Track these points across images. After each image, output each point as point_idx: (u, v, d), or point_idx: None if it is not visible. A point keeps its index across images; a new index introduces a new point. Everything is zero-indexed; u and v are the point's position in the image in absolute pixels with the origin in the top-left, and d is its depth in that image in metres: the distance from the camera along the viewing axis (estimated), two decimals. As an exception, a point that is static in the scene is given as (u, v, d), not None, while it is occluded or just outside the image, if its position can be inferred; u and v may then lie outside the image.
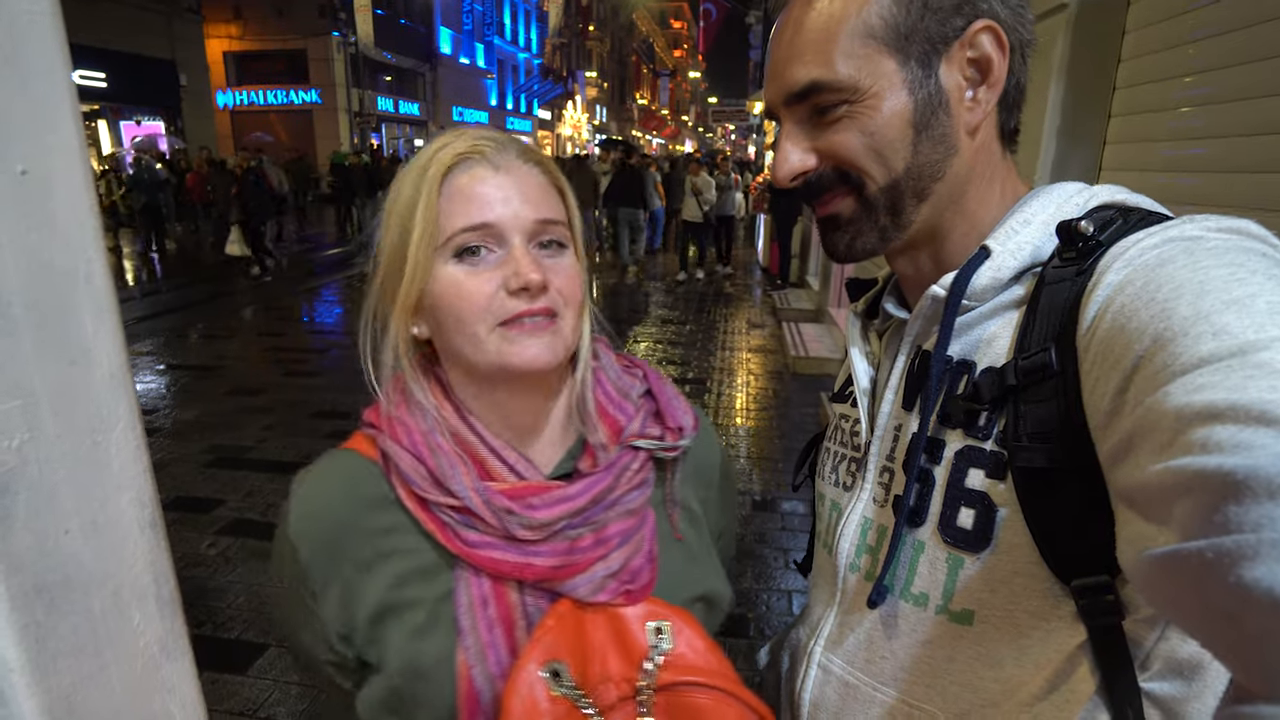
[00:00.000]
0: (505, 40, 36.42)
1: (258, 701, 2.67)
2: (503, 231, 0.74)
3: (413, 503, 0.75)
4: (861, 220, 0.74)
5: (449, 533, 0.74)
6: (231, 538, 3.79)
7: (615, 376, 0.87)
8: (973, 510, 0.67)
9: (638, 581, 0.78)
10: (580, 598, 0.75)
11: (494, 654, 0.73)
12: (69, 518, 0.41)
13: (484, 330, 0.73)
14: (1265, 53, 1.75)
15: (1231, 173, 1.86)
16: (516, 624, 0.74)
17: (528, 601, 0.75)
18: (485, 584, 0.74)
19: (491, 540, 0.74)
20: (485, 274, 0.73)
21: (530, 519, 0.73)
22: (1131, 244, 0.60)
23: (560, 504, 0.75)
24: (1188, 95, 2.09)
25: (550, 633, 0.73)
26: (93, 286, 0.41)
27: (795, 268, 10.69)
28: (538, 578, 0.74)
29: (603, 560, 0.76)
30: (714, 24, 36.92)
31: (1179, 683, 0.61)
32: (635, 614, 0.77)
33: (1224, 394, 0.42)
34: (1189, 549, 0.38)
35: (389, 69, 25.53)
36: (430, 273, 0.74)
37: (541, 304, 0.74)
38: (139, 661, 0.46)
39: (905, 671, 0.74)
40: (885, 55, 0.69)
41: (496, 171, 0.75)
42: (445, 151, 0.76)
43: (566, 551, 0.75)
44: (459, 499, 0.73)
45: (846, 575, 0.81)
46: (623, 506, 0.79)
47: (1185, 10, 2.08)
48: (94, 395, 0.42)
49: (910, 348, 0.78)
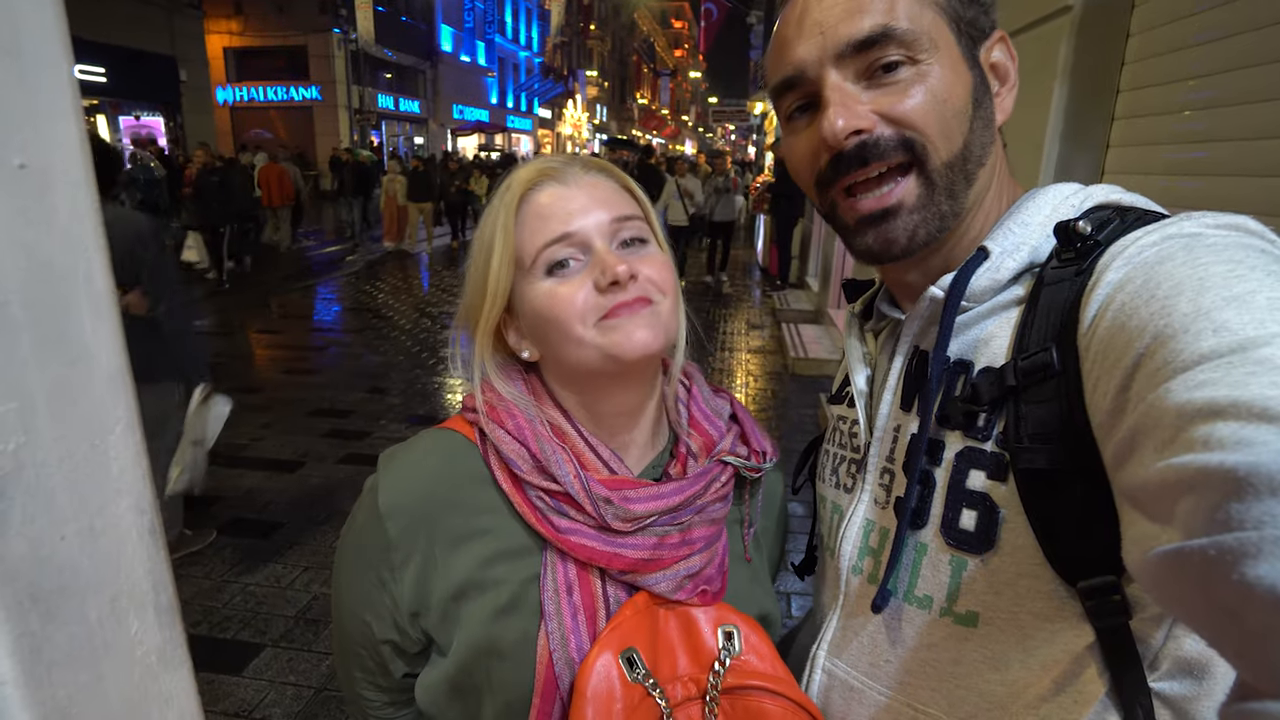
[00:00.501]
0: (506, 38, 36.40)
1: (253, 703, 2.66)
2: (584, 239, 0.77)
3: (510, 484, 0.77)
4: (926, 205, 0.70)
5: (541, 517, 0.76)
6: (229, 537, 3.77)
7: (708, 395, 0.91)
8: (974, 512, 0.67)
9: (713, 587, 0.81)
10: (661, 593, 0.78)
11: (575, 640, 0.75)
12: (66, 523, 0.40)
13: (584, 329, 0.75)
14: (1270, 56, 1.74)
15: (1235, 176, 1.85)
16: (598, 612, 0.77)
17: (609, 592, 0.78)
18: (571, 570, 0.77)
19: (583, 528, 0.76)
20: (575, 280, 0.77)
21: (626, 510, 0.76)
22: (1130, 242, 0.60)
23: (655, 500, 0.77)
24: (1192, 99, 2.08)
25: (628, 621, 0.76)
26: (92, 285, 0.40)
27: (795, 269, 10.68)
28: (625, 568, 0.77)
29: (685, 560, 0.79)
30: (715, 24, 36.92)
31: (1189, 681, 0.61)
32: (707, 617, 0.80)
33: (1225, 390, 0.42)
34: (1192, 547, 0.38)
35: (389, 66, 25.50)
36: (517, 293, 0.80)
37: (634, 294, 0.76)
38: (136, 671, 0.45)
39: (910, 675, 0.73)
40: (945, 23, 0.68)
41: (566, 186, 0.80)
42: (516, 182, 0.81)
43: (654, 546, 0.77)
44: (560, 484, 0.75)
45: (849, 578, 0.80)
46: (708, 514, 0.82)
47: (1190, 13, 2.07)
48: (93, 397, 0.40)
49: (908, 348, 0.78)
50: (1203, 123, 2.04)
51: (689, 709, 0.74)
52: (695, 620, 0.79)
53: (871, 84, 0.68)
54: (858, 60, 0.67)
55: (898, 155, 0.68)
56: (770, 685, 0.76)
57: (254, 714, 2.60)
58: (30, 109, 0.37)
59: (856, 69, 0.68)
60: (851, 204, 0.71)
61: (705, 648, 0.78)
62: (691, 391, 0.89)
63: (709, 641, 0.78)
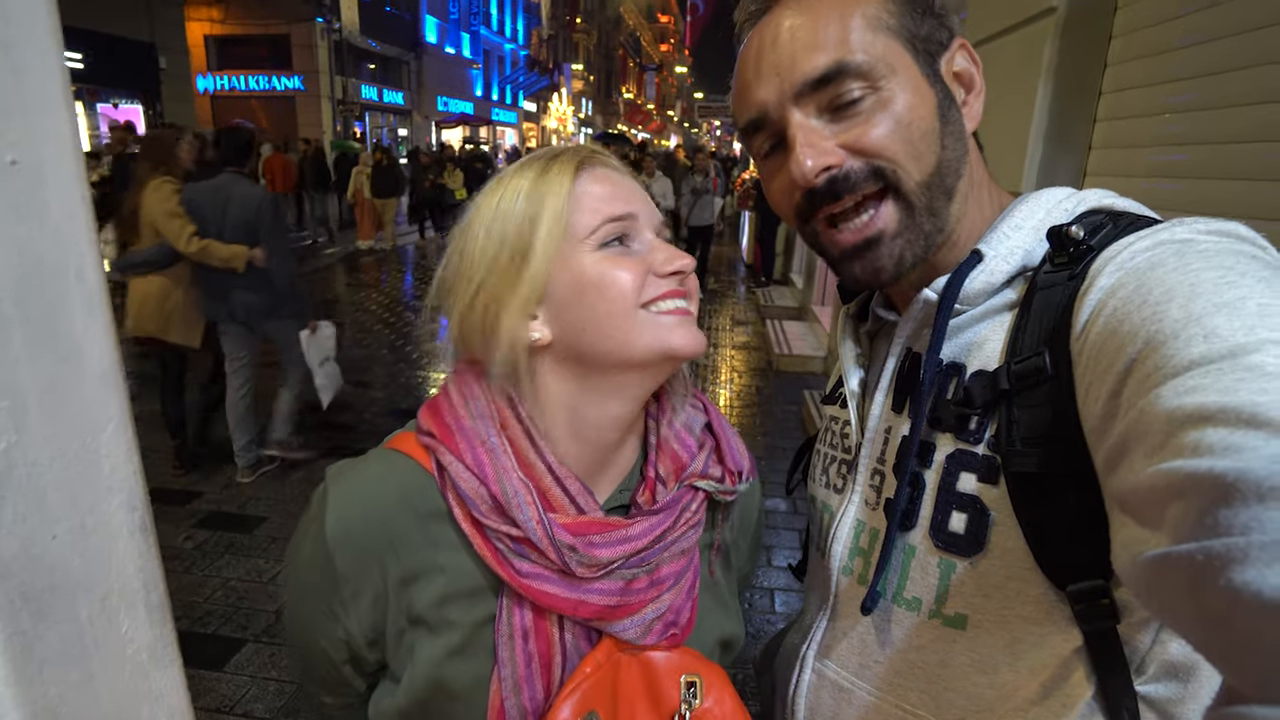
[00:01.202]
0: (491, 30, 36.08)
1: (235, 698, 2.64)
2: (644, 224, 0.76)
3: (468, 525, 0.72)
4: (908, 228, 0.70)
5: (501, 559, 0.71)
6: (209, 530, 3.74)
7: (679, 407, 0.84)
8: (964, 514, 0.68)
9: (680, 622, 0.78)
10: (627, 639, 0.75)
11: (529, 689, 0.72)
12: (57, 522, 0.39)
13: (636, 311, 0.72)
14: (1250, 60, 1.77)
15: (1214, 179, 1.88)
16: (554, 660, 0.73)
17: (567, 639, 0.74)
18: (528, 615, 0.73)
19: (545, 573, 0.71)
20: (634, 259, 0.73)
21: (591, 557, 0.71)
22: (1123, 248, 0.60)
23: (622, 544, 0.73)
24: (1172, 102, 2.11)
25: (588, 680, 0.72)
26: (84, 282, 0.39)
27: (779, 265, 10.71)
28: (590, 616, 0.73)
29: (654, 602, 0.75)
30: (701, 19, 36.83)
31: (1174, 684, 0.62)
32: (669, 665, 0.77)
33: (1215, 396, 0.42)
34: (1180, 552, 0.38)
35: (373, 57, 25.19)
36: (558, 272, 0.72)
37: (686, 287, 0.76)
38: (127, 670, 0.45)
39: (899, 676, 0.74)
40: (900, 46, 0.68)
41: (620, 172, 0.78)
42: (562, 161, 0.75)
43: (621, 591, 0.74)
44: (521, 530, 0.70)
45: (839, 579, 0.80)
46: (677, 547, 0.78)
47: (1172, 17, 2.10)
48: (84, 395, 0.40)
49: (900, 350, 0.78)
50: (1183, 125, 2.07)
51: None
52: (657, 669, 0.76)
53: (835, 117, 0.68)
54: (818, 96, 0.68)
55: (869, 185, 0.68)
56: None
57: (236, 709, 2.58)
58: (21, 104, 0.37)
59: (818, 104, 0.68)
60: (834, 236, 0.72)
61: (668, 699, 0.76)
62: (661, 404, 0.83)
63: (671, 692, 0.76)
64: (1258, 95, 1.74)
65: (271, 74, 22.37)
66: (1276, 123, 1.68)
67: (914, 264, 0.71)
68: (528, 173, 0.75)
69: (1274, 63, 1.68)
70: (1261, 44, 1.72)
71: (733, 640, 0.87)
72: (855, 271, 0.72)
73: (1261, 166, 1.73)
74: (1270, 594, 0.33)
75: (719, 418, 0.87)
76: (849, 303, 0.92)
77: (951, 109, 0.71)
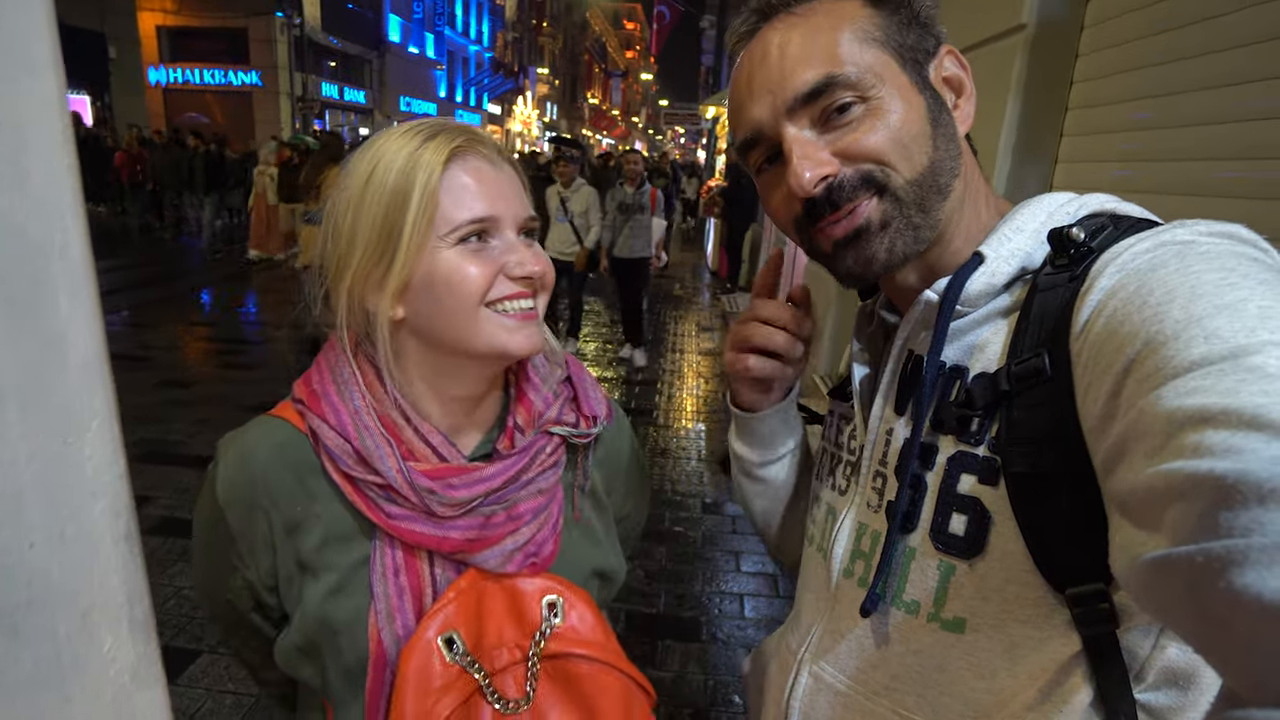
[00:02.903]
0: (456, 31, 35.80)
1: (190, 711, 2.52)
2: (503, 224, 0.81)
3: (339, 477, 0.80)
4: (894, 219, 0.71)
5: (372, 505, 0.80)
6: (161, 537, 3.58)
7: (540, 362, 0.94)
8: (965, 516, 0.67)
9: (541, 554, 0.86)
10: (490, 569, 0.83)
11: (401, 618, 0.80)
12: (34, 530, 0.35)
13: (479, 310, 0.79)
14: (1209, 82, 1.83)
15: (1176, 195, 1.94)
16: (424, 592, 0.82)
17: (436, 572, 0.83)
18: (399, 553, 0.82)
19: (411, 514, 0.80)
20: (487, 259, 0.79)
21: (449, 498, 0.80)
22: (1124, 249, 0.61)
23: (477, 484, 0.81)
24: (1135, 119, 2.17)
25: (449, 604, 0.80)
26: (69, 260, 0.35)
27: (744, 272, 10.80)
28: (453, 549, 0.81)
29: (512, 535, 0.84)
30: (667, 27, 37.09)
31: (1174, 692, 0.62)
32: (533, 589, 0.85)
33: (1216, 398, 0.42)
34: (1180, 554, 0.38)
35: (334, 54, 24.77)
36: (423, 256, 0.78)
37: (533, 289, 0.82)
38: (108, 692, 0.40)
39: (896, 681, 0.73)
40: (888, 56, 0.70)
41: (494, 167, 0.82)
42: (438, 143, 0.79)
43: (480, 526, 0.82)
44: (383, 478, 0.78)
45: (840, 581, 0.80)
46: (535, 486, 0.86)
47: (1137, 38, 2.17)
48: (66, 387, 0.36)
49: (900, 351, 0.78)
50: (1144, 142, 2.13)
51: (514, 672, 0.81)
52: (521, 592, 0.84)
53: (828, 127, 0.70)
54: (810, 109, 0.70)
55: (863, 193, 0.70)
56: (587, 651, 0.83)
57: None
58: (5, 62, 0.33)
59: (811, 117, 0.70)
60: (826, 232, 0.73)
61: (528, 618, 0.83)
62: (521, 362, 0.91)
63: (534, 612, 0.83)
64: (1216, 115, 1.80)
65: (228, 68, 21.84)
66: (1234, 141, 1.74)
67: (905, 255, 0.72)
68: (402, 148, 0.79)
69: (1232, 84, 1.74)
70: (1221, 66, 1.78)
71: (609, 572, 0.96)
72: (848, 263, 0.73)
73: (1219, 183, 1.79)
74: (1270, 597, 0.33)
75: (578, 369, 0.97)
76: (866, 299, 0.92)
77: (942, 113, 0.72)
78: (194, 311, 8.76)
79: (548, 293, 0.85)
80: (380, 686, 0.80)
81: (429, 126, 0.81)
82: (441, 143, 0.78)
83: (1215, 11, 1.80)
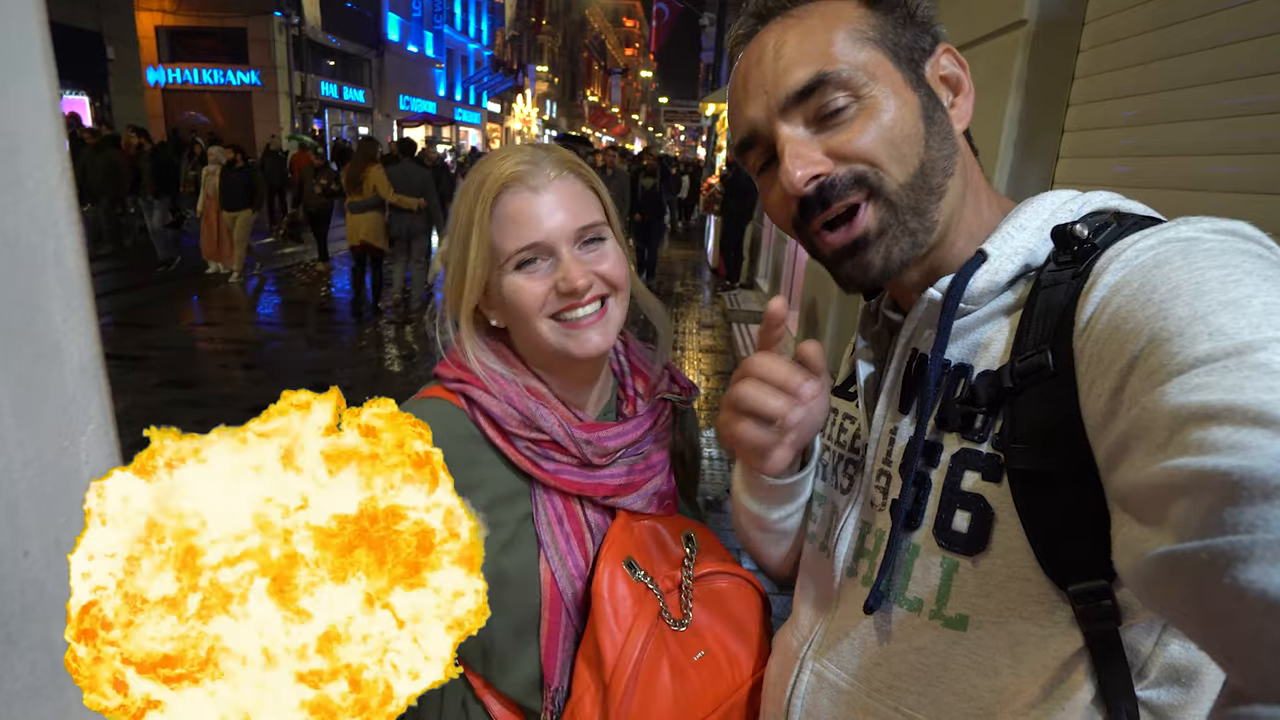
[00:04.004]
0: (455, 30, 35.76)
1: None
2: (550, 245, 0.91)
3: (500, 439, 0.92)
4: (891, 227, 0.71)
5: (533, 462, 0.92)
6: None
7: (640, 347, 1.12)
8: (968, 513, 0.67)
9: (669, 498, 1.03)
10: (636, 510, 0.98)
11: (571, 559, 0.92)
12: (30, 537, 0.35)
13: (540, 323, 0.92)
14: (1210, 77, 1.82)
15: (1177, 190, 1.93)
16: (586, 535, 0.95)
17: (590, 518, 0.96)
18: (559, 504, 0.94)
19: (568, 466, 0.94)
20: (540, 279, 0.91)
21: (602, 447, 0.95)
22: (1128, 245, 0.61)
23: (622, 436, 0.98)
24: (1135, 116, 2.16)
25: (619, 538, 0.93)
26: (63, 266, 0.35)
27: (744, 269, 10.78)
28: (606, 494, 0.95)
29: (651, 481, 1.00)
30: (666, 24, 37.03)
31: (1176, 690, 0.62)
32: (671, 526, 1.01)
33: (1220, 394, 0.42)
34: (1184, 550, 0.38)
35: (333, 53, 24.74)
36: (492, 282, 0.93)
37: (591, 294, 0.91)
38: (106, 700, 0.40)
39: (898, 679, 0.73)
40: (882, 55, 0.71)
41: (536, 193, 0.91)
42: (490, 179, 0.91)
43: (627, 473, 0.98)
44: (546, 434, 0.92)
45: (843, 579, 0.80)
46: (661, 442, 1.04)
47: (1136, 33, 2.16)
48: (63, 393, 0.36)
49: (904, 350, 0.78)
50: (1145, 138, 2.13)
51: (670, 597, 0.94)
52: (660, 531, 0.99)
53: (821, 127, 0.71)
54: (803, 108, 0.71)
55: (854, 193, 0.70)
56: (722, 569, 1.01)
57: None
58: (-3, 63, 0.32)
59: (804, 116, 0.71)
60: (825, 239, 0.74)
61: (672, 551, 0.98)
62: (628, 344, 1.10)
63: (674, 545, 0.99)
64: (1219, 110, 1.80)
65: (227, 68, 21.83)
66: (1236, 136, 1.73)
67: (903, 261, 0.72)
68: (473, 180, 0.94)
69: (1234, 79, 1.73)
70: (1223, 60, 1.77)
71: (700, 519, 1.12)
72: (848, 270, 0.74)
73: (1222, 178, 1.78)
74: (1275, 592, 0.33)
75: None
76: (870, 299, 0.92)
77: (937, 111, 0.72)
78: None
79: (618, 290, 0.95)
80: (556, 628, 0.91)
81: (498, 157, 0.94)
82: (491, 180, 0.91)
83: (1217, 6, 1.79)
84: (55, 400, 0.36)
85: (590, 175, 0.97)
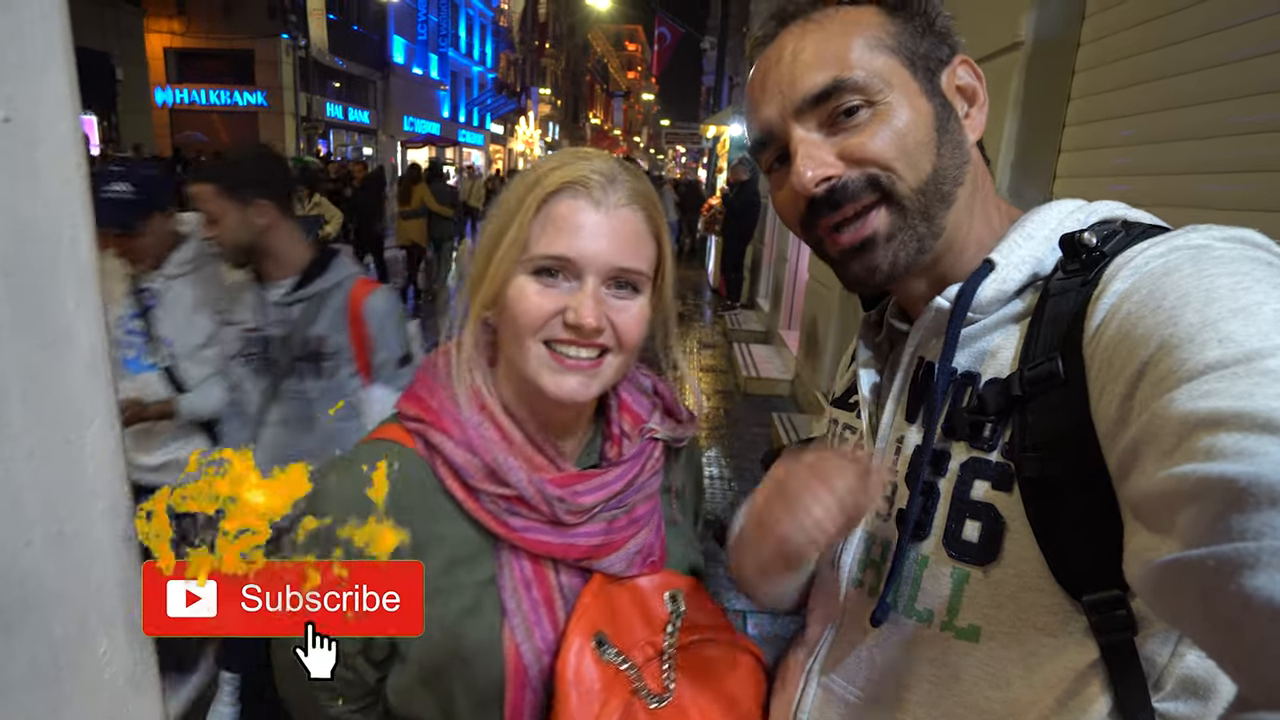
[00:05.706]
0: (459, 53, 36.16)
1: (184, 731, 2.49)
2: (581, 268, 0.79)
3: (462, 492, 0.80)
4: (900, 231, 0.72)
5: (497, 519, 0.80)
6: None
7: (633, 375, 0.96)
8: (978, 523, 0.67)
9: (655, 555, 0.89)
10: (615, 573, 0.85)
11: (539, 631, 0.81)
12: (32, 527, 0.35)
13: (530, 341, 0.80)
14: (1205, 97, 1.85)
15: (1173, 208, 1.95)
16: (556, 602, 0.83)
17: (563, 581, 0.84)
18: (527, 567, 0.82)
19: (536, 524, 0.81)
20: (552, 296, 0.79)
21: (576, 504, 0.81)
22: (1137, 253, 0.61)
23: (601, 489, 0.84)
24: (1131, 135, 2.19)
25: (590, 607, 0.82)
26: (77, 254, 0.35)
27: (745, 289, 10.80)
28: (580, 556, 0.83)
29: (634, 538, 0.86)
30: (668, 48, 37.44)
31: (1194, 702, 0.61)
32: (652, 585, 0.88)
33: (1229, 401, 0.42)
34: (1191, 557, 0.38)
35: (339, 75, 25.01)
36: (508, 278, 0.81)
37: (597, 341, 0.80)
38: (104, 696, 0.40)
39: (908, 692, 0.72)
40: (899, 63, 0.71)
41: (596, 210, 0.80)
42: (556, 173, 0.80)
43: (604, 531, 0.84)
44: (514, 489, 0.79)
45: (849, 591, 0.79)
46: (646, 490, 0.89)
47: (1131, 54, 2.18)
48: (70, 384, 0.36)
49: (910, 359, 0.78)
50: (1141, 157, 2.15)
51: (650, 669, 0.83)
52: (643, 591, 0.87)
53: (834, 130, 0.71)
54: (818, 111, 0.71)
55: (866, 196, 0.71)
56: (712, 635, 0.88)
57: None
58: (20, 60, 0.33)
59: (819, 119, 0.72)
60: (834, 239, 0.74)
61: (655, 614, 0.86)
62: None
63: (659, 607, 0.87)
64: (1214, 130, 1.82)
65: (234, 89, 22.04)
66: (1231, 155, 1.74)
67: (908, 265, 0.73)
68: (534, 170, 0.83)
69: (1229, 99, 1.75)
70: (1218, 81, 1.79)
71: (698, 569, 0.98)
72: (854, 270, 0.74)
73: (1219, 197, 1.80)
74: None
75: (661, 382, 0.99)
76: (871, 309, 0.92)
77: (950, 120, 0.73)
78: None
79: (624, 350, 0.83)
80: (521, 704, 0.80)
81: (564, 155, 0.83)
82: (557, 175, 0.80)
83: (1211, 27, 1.82)
84: (63, 389, 0.36)
85: (660, 224, 0.86)
